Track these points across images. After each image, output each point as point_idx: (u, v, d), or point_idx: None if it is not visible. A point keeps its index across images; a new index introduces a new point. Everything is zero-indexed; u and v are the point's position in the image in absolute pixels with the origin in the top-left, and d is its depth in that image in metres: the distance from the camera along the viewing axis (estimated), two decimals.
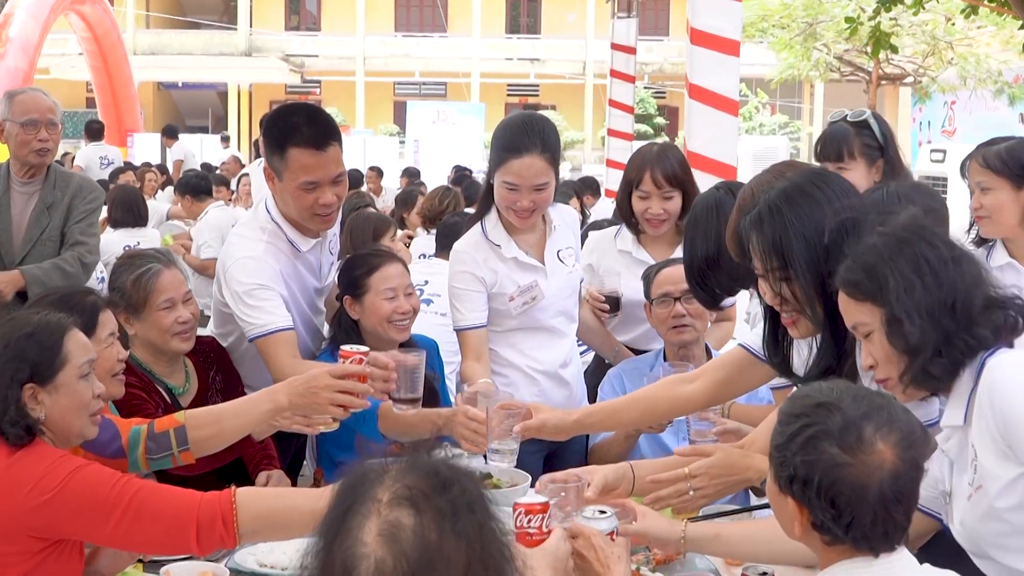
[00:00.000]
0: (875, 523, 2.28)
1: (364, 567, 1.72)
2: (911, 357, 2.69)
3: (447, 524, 1.75)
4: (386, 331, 4.32)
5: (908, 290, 2.67)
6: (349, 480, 1.84)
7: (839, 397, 2.34)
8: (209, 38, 48.16)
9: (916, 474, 2.31)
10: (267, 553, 3.33)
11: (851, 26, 19.34)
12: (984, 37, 29.23)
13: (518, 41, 49.44)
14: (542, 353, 4.53)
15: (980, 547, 2.72)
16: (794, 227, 3.05)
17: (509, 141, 4.33)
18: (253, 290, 4.17)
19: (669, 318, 4.52)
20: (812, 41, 29.93)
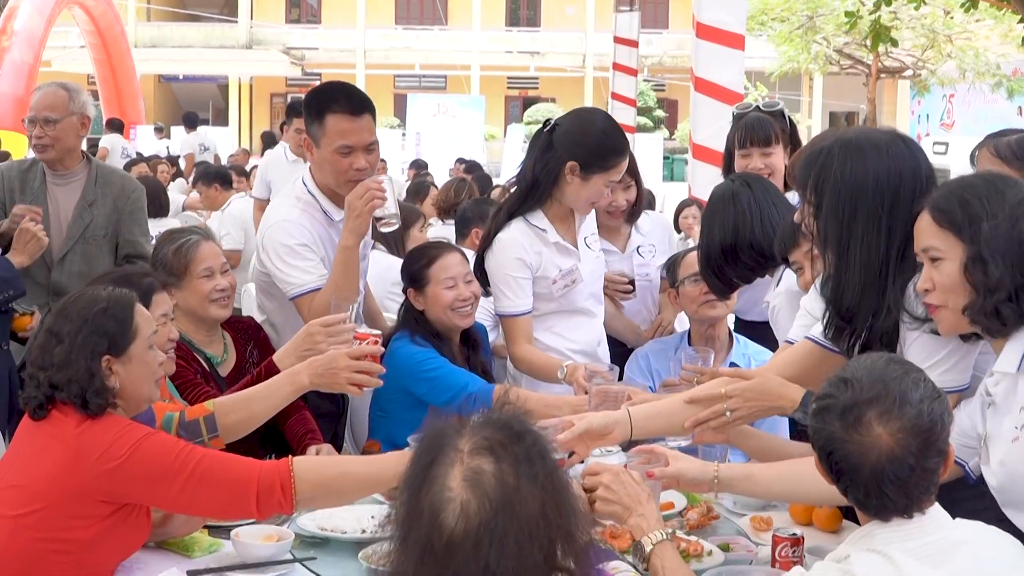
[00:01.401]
0: (868, 495, 2.45)
1: (451, 509, 1.94)
2: (985, 295, 2.83)
3: (523, 469, 1.98)
4: (449, 319, 4.51)
5: (999, 235, 2.81)
6: (429, 436, 2.06)
7: (861, 376, 2.49)
8: (210, 31, 48.17)
9: (918, 462, 2.43)
10: (327, 518, 3.51)
11: (851, 20, 19.43)
12: (983, 31, 29.32)
13: (518, 34, 49.45)
14: (578, 334, 4.70)
15: (1017, 489, 2.85)
16: (837, 172, 3.18)
17: (618, 144, 4.57)
18: (291, 249, 4.43)
19: (700, 295, 4.69)
20: (812, 34, 30.05)
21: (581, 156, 4.48)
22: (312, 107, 4.49)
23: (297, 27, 49.89)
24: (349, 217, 4.34)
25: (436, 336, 4.51)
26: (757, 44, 34.52)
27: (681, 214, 10.27)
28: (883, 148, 3.17)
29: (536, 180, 4.57)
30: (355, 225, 4.33)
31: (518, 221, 4.60)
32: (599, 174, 4.50)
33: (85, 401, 3.02)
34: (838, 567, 2.48)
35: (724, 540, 3.43)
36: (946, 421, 2.50)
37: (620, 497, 2.95)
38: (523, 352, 4.56)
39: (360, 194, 4.30)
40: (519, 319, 4.58)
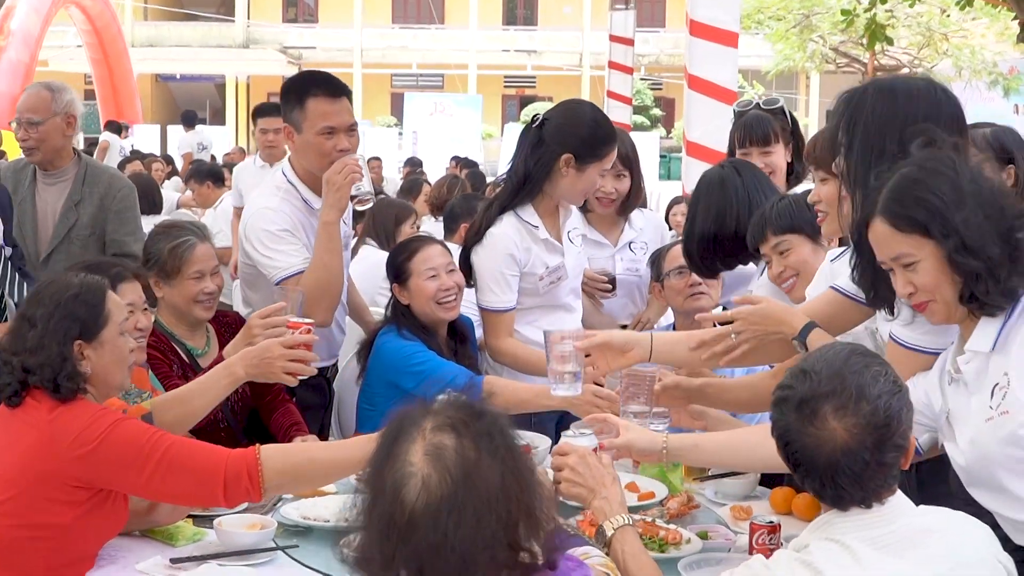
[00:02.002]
0: (824, 486, 2.48)
1: (412, 484, 2.00)
2: (988, 276, 2.82)
3: (484, 443, 2.05)
4: (434, 311, 4.53)
5: (975, 220, 2.80)
6: (396, 418, 2.12)
7: (820, 368, 2.51)
8: (207, 30, 48.18)
9: (873, 456, 2.45)
10: (311, 507, 3.55)
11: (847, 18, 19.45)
12: (979, 29, 29.34)
13: (515, 33, 49.44)
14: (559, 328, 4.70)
15: (988, 469, 2.87)
16: (868, 112, 3.19)
17: (610, 133, 4.61)
18: (272, 235, 4.51)
19: (685, 287, 4.73)
20: (808, 33, 30.09)
21: (575, 148, 4.50)
22: (292, 94, 4.56)
23: (294, 26, 49.88)
24: (329, 192, 4.43)
25: (423, 330, 4.53)
26: (753, 42, 34.58)
27: (671, 211, 10.30)
28: (915, 93, 3.18)
29: (528, 175, 4.58)
30: (335, 199, 4.43)
31: (509, 216, 4.61)
32: (594, 164, 4.54)
33: (57, 385, 3.06)
34: (797, 556, 2.50)
35: (703, 528, 3.47)
36: (904, 416, 2.51)
37: (585, 479, 2.99)
38: (507, 346, 4.60)
39: (338, 169, 4.41)
40: (504, 315, 4.62)
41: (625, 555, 2.84)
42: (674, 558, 3.18)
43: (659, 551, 3.24)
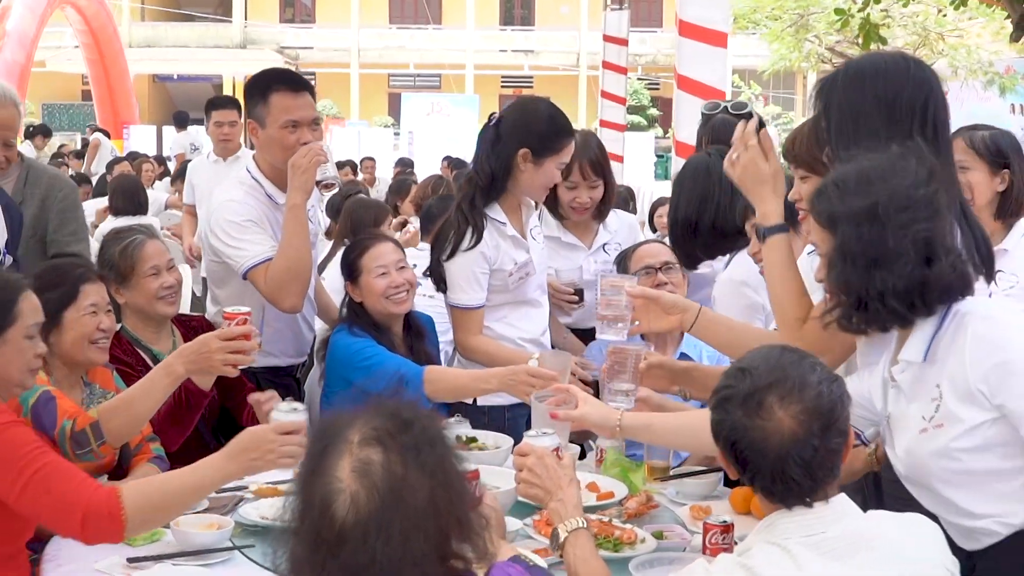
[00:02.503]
0: (774, 480, 2.49)
1: (341, 500, 1.98)
2: (839, 296, 2.89)
3: (411, 458, 2.01)
4: (384, 307, 4.58)
5: (853, 232, 2.83)
6: (323, 426, 2.11)
7: (757, 364, 2.55)
8: (204, 30, 48.18)
9: (821, 442, 2.47)
10: (269, 507, 3.56)
11: (842, 18, 19.44)
12: (975, 28, 29.28)
13: (512, 33, 49.46)
14: (527, 324, 4.77)
15: (923, 478, 2.90)
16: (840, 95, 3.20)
17: (564, 126, 4.67)
18: (238, 225, 4.56)
19: (652, 287, 4.73)
20: (803, 32, 30.01)
21: (531, 143, 4.55)
22: (255, 90, 4.62)
23: (291, 26, 49.88)
24: (295, 176, 4.47)
25: (375, 327, 4.57)
26: (749, 42, 34.61)
27: (656, 213, 10.31)
28: (882, 71, 3.18)
29: (492, 174, 4.61)
30: (301, 182, 4.47)
31: None
32: (550, 157, 4.57)
33: None
34: (738, 560, 2.51)
35: (659, 528, 3.47)
36: (845, 402, 2.56)
37: (542, 480, 2.99)
38: (478, 343, 4.64)
39: (303, 153, 4.47)
40: (474, 312, 4.65)
41: (576, 559, 2.84)
42: (627, 558, 3.19)
43: (613, 551, 3.25)
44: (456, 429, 4.20)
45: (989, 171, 4.49)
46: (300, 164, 4.44)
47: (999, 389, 2.73)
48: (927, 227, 2.80)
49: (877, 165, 2.89)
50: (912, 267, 2.79)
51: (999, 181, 4.49)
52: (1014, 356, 2.74)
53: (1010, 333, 2.79)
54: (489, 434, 4.20)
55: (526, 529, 3.40)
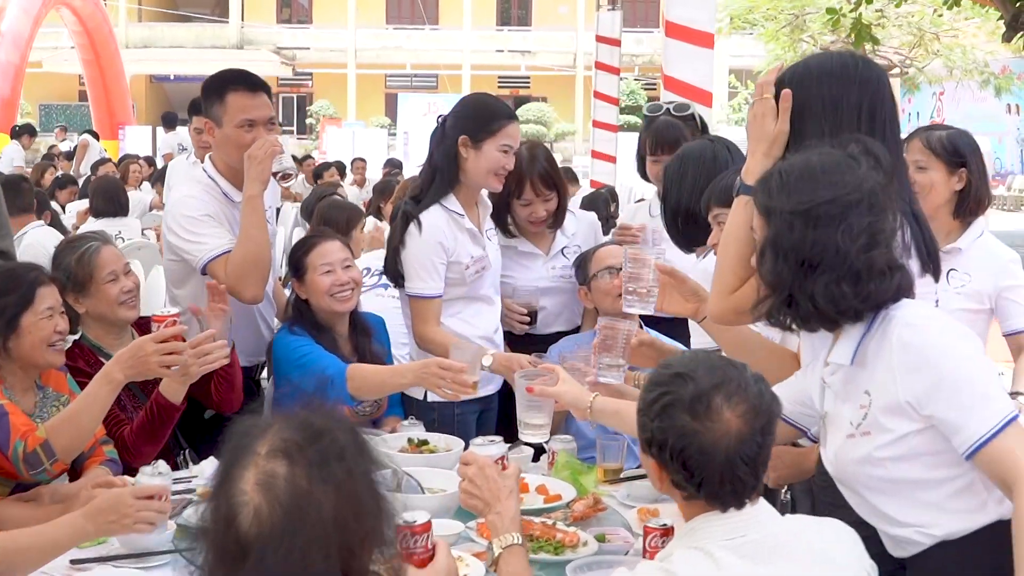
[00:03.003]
0: (723, 483, 2.48)
1: (245, 513, 1.94)
2: (770, 289, 2.86)
3: (316, 472, 1.95)
4: (329, 304, 4.62)
5: (787, 229, 2.79)
6: (235, 436, 2.05)
7: (694, 368, 2.54)
8: (201, 31, 48.21)
9: (763, 440, 2.50)
10: None
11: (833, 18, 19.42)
12: (970, 28, 29.24)
13: (509, 33, 49.48)
14: (481, 320, 4.80)
15: (850, 481, 2.90)
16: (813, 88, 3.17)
17: (498, 109, 4.76)
18: (195, 220, 4.58)
19: (613, 288, 4.73)
20: (798, 33, 30.01)
21: (468, 128, 4.66)
22: (212, 89, 4.64)
23: (288, 27, 49.92)
24: (251, 167, 4.50)
25: (317, 326, 4.62)
26: (746, 42, 34.62)
27: None
28: (826, 75, 3.16)
29: (437, 168, 4.73)
30: (257, 172, 4.50)
31: (436, 206, 4.71)
32: (488, 140, 4.65)
33: None
34: (660, 565, 2.51)
35: (602, 531, 3.47)
36: (778, 401, 2.58)
37: (481, 492, 2.98)
38: (433, 333, 4.65)
39: (259, 145, 4.50)
40: (432, 301, 4.68)
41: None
42: (567, 560, 3.19)
43: (554, 553, 3.25)
44: (408, 432, 4.21)
45: (947, 171, 4.50)
46: (256, 155, 4.48)
47: (927, 402, 2.70)
48: (865, 234, 2.76)
49: (825, 162, 2.84)
50: (843, 274, 2.75)
51: (956, 180, 4.51)
52: (940, 367, 2.71)
53: (933, 341, 2.75)
54: (441, 437, 4.22)
55: (468, 532, 3.40)
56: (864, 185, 2.80)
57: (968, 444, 2.66)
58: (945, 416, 2.69)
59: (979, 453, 2.66)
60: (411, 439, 4.13)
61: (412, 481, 3.65)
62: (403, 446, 4.11)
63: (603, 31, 15.85)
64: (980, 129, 35.36)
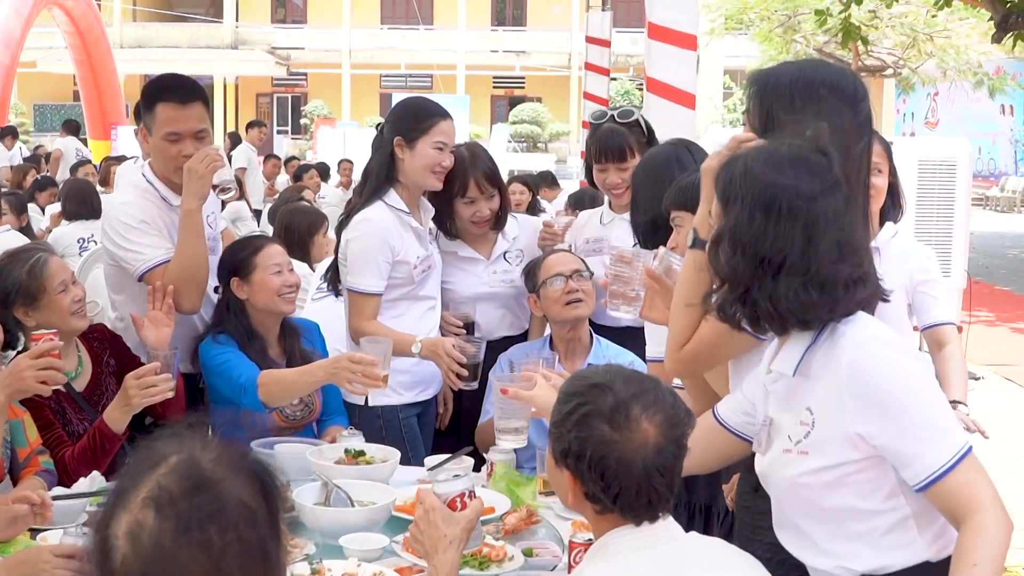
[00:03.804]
0: (639, 494, 2.44)
1: (115, 557, 1.78)
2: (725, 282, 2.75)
3: (183, 532, 1.74)
4: (276, 305, 4.58)
5: (746, 220, 2.67)
6: (132, 464, 1.87)
7: (612, 379, 2.51)
8: (195, 31, 48.21)
9: (678, 451, 2.47)
10: None
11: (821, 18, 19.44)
12: (964, 29, 29.22)
13: (504, 33, 49.47)
14: (421, 323, 4.76)
15: (777, 497, 2.83)
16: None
17: (429, 108, 4.84)
18: (132, 227, 4.52)
19: (563, 295, 4.69)
20: (792, 33, 30.00)
21: (401, 129, 4.73)
22: (145, 96, 4.61)
23: (283, 27, 49.89)
24: (190, 180, 4.43)
25: (248, 331, 4.58)
26: (740, 43, 34.61)
27: None
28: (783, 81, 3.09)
29: (375, 171, 4.79)
30: (196, 187, 4.44)
31: (380, 204, 4.73)
32: (421, 138, 4.70)
33: None
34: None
35: (530, 546, 3.43)
36: (690, 414, 2.55)
37: (423, 539, 2.90)
38: (371, 327, 4.64)
39: (200, 158, 4.43)
40: (371, 298, 4.69)
41: None
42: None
43: (479, 568, 3.21)
44: (346, 442, 4.17)
45: (888, 172, 4.51)
46: (196, 169, 4.43)
47: (878, 433, 2.59)
48: (834, 234, 2.65)
49: (794, 153, 2.73)
50: (811, 278, 2.64)
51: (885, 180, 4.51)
52: (892, 398, 2.59)
53: (884, 369, 2.62)
54: (379, 448, 4.17)
55: (394, 546, 3.37)
56: (835, 180, 2.71)
57: (922, 477, 2.56)
58: (898, 448, 2.59)
59: (933, 486, 2.55)
60: (348, 450, 4.09)
61: (342, 494, 3.61)
62: (340, 457, 4.06)
63: (593, 32, 15.80)
64: (974, 130, 35.40)
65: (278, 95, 50.44)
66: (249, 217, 13.19)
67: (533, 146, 44.21)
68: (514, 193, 10.55)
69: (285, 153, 26.24)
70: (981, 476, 2.56)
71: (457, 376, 4.46)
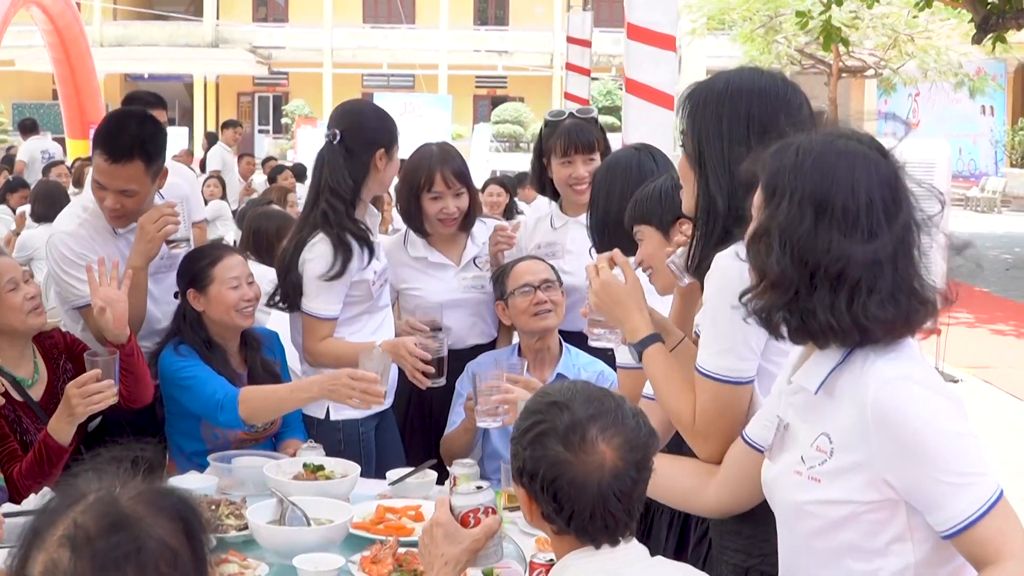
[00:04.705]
0: (593, 517, 2.36)
1: None
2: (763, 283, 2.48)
3: (99, 572, 1.66)
4: (232, 319, 4.44)
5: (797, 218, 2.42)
6: (53, 500, 1.79)
7: (571, 397, 2.42)
8: (175, 29, 48.02)
9: (638, 475, 2.38)
10: None
11: (802, 19, 19.44)
12: (944, 30, 29.28)
13: (486, 33, 49.39)
14: (379, 334, 4.64)
15: (779, 513, 2.64)
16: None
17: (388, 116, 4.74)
18: (71, 261, 4.43)
19: (531, 306, 4.62)
20: (773, 34, 30.04)
21: (384, 141, 4.57)
22: (96, 132, 4.50)
23: (264, 26, 49.73)
24: (141, 239, 4.36)
25: (207, 344, 4.44)
26: (722, 43, 34.57)
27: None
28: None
29: (350, 185, 4.52)
30: (145, 248, 4.38)
31: None
32: (395, 147, 4.63)
33: None
34: None
35: (491, 565, 3.33)
36: (655, 437, 2.45)
37: (423, 553, 2.81)
38: (324, 346, 4.53)
39: (154, 218, 4.35)
40: (327, 323, 4.55)
41: None
42: None
43: None
44: (306, 455, 4.07)
45: None
46: (148, 230, 4.35)
47: (908, 478, 2.38)
48: (898, 240, 2.42)
49: (850, 147, 2.46)
50: (894, 288, 2.40)
51: None
52: (923, 443, 2.36)
53: (916, 411, 2.38)
54: (339, 462, 4.05)
55: (350, 567, 3.28)
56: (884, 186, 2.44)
57: (951, 524, 2.34)
58: (927, 493, 2.37)
59: (963, 534, 2.34)
60: (307, 464, 3.98)
61: (298, 512, 3.50)
62: (299, 472, 3.95)
63: (574, 32, 15.79)
64: (954, 130, 35.51)
65: (259, 94, 50.28)
66: (230, 217, 13.10)
67: (515, 146, 44.12)
68: (491, 195, 10.50)
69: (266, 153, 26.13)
70: (1011, 522, 2.36)
71: (424, 374, 4.36)
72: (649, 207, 3.68)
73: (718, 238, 2.91)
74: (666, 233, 3.67)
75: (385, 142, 4.56)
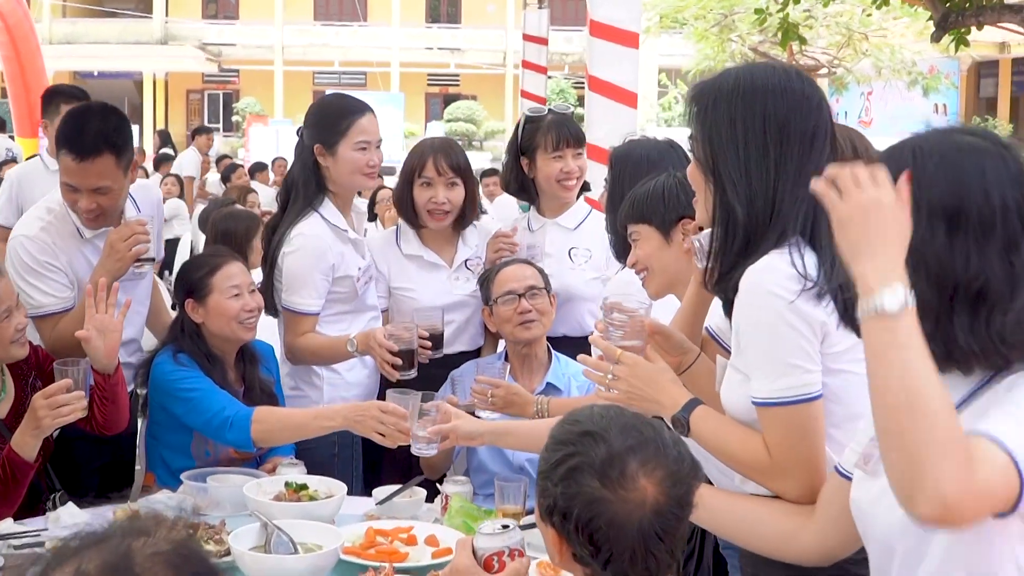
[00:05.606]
0: (635, 560, 2.17)
1: None
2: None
3: None
4: (234, 331, 4.25)
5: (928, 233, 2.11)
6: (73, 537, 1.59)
7: (606, 426, 2.22)
8: (125, 27, 47.48)
9: (682, 512, 2.19)
10: None
11: (760, 17, 19.31)
12: (898, 28, 29.43)
13: (438, 31, 49.19)
14: None
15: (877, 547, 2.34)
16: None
17: (345, 106, 4.59)
18: (31, 269, 4.22)
19: (515, 315, 4.45)
20: (727, 32, 30.05)
21: (320, 135, 4.51)
22: (57, 132, 4.28)
23: (214, 23, 49.21)
24: (110, 256, 4.17)
25: (208, 356, 4.24)
26: (675, 42, 34.57)
27: None
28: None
29: (304, 179, 4.54)
30: (113, 267, 4.19)
31: (315, 218, 4.51)
32: (341, 142, 4.49)
33: None
34: None
35: None
36: (698, 465, 2.26)
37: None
38: (303, 342, 4.46)
39: (124, 236, 4.17)
40: (309, 318, 4.47)
41: None
42: None
43: None
44: (287, 474, 3.87)
45: None
46: (118, 249, 4.16)
47: None
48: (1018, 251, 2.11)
49: (974, 144, 2.17)
50: (993, 308, 2.09)
51: None
52: None
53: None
54: (323, 480, 3.84)
55: None
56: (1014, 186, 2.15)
57: None
58: None
59: None
60: (288, 483, 3.76)
61: (284, 537, 3.27)
62: (280, 492, 3.73)
63: (530, 30, 15.64)
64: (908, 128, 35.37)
65: (209, 92, 49.80)
66: (187, 216, 12.92)
67: (468, 144, 43.95)
68: (487, 185, 10.38)
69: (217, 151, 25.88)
70: None
71: (393, 367, 4.23)
72: (650, 205, 3.55)
73: (739, 249, 2.74)
74: (666, 234, 3.53)
75: (322, 136, 4.49)
